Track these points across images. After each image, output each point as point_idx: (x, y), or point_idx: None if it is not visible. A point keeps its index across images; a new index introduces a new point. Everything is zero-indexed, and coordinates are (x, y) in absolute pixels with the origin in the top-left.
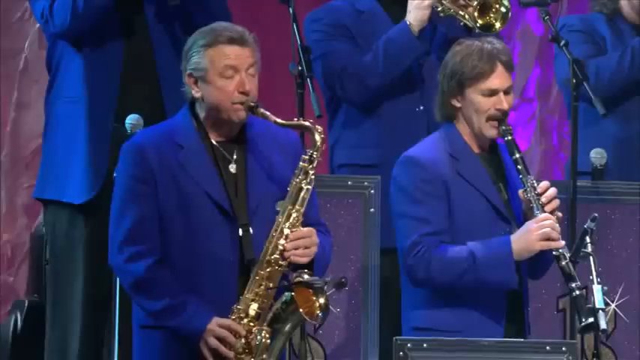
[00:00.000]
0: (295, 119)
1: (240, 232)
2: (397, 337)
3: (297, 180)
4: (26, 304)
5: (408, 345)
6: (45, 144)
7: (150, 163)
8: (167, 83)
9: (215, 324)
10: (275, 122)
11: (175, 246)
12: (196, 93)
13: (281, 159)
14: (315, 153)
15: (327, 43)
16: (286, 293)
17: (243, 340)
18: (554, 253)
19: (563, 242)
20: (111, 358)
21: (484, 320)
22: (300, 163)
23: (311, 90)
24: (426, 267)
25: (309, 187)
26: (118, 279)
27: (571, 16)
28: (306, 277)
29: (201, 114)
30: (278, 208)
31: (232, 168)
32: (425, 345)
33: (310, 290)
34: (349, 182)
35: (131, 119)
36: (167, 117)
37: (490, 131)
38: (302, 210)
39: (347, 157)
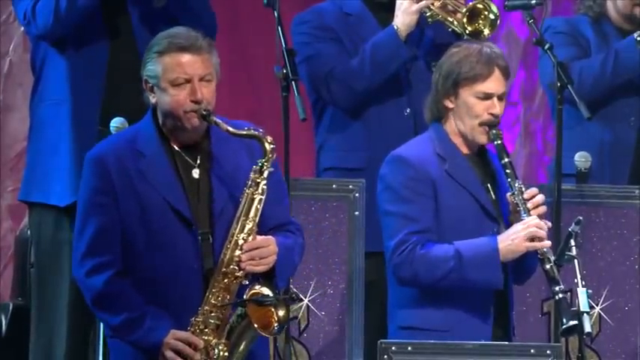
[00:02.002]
0: (246, 129)
1: (200, 240)
2: (382, 340)
3: (250, 191)
4: (11, 307)
5: (393, 348)
6: (30, 146)
7: (109, 173)
8: None
9: (172, 337)
10: (227, 131)
11: (138, 255)
12: (152, 99)
13: (248, 162)
14: (265, 163)
15: (314, 46)
16: (240, 307)
17: (201, 353)
18: (538, 256)
19: (549, 242)
20: (96, 358)
21: (471, 320)
22: (252, 174)
23: (296, 93)
24: (411, 265)
25: (262, 197)
26: None
27: (556, 18)
28: (260, 288)
29: (161, 120)
30: None
31: (195, 173)
32: (409, 348)
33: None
34: (334, 185)
35: (116, 122)
36: None
37: (481, 137)
38: (257, 219)
39: (333, 161)
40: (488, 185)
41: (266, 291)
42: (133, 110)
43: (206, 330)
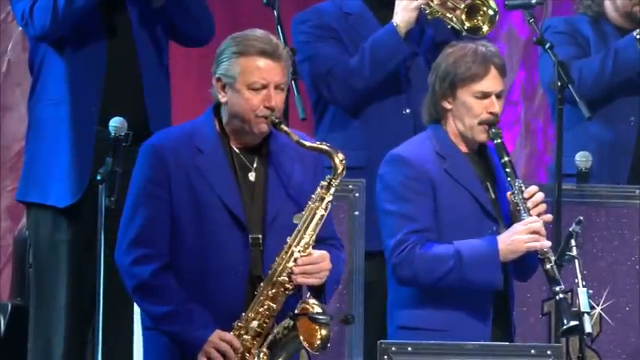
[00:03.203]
0: (317, 142)
1: (251, 244)
2: (381, 341)
3: (314, 206)
4: (9, 308)
5: (393, 348)
6: (28, 146)
7: (166, 165)
8: (150, 85)
9: (217, 336)
10: (297, 142)
11: (186, 251)
12: (222, 98)
13: (301, 171)
14: (334, 180)
15: (314, 45)
16: (289, 320)
17: (239, 357)
18: (539, 256)
19: (549, 243)
20: (95, 358)
21: (470, 320)
22: (318, 189)
23: (295, 92)
24: (411, 265)
25: (324, 213)
26: (101, 281)
27: (555, 18)
28: (312, 302)
29: (224, 119)
30: (295, 221)
31: (251, 176)
32: (409, 348)
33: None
34: None
35: (115, 122)
36: (149, 119)
37: (480, 135)
38: (314, 235)
39: None
40: (488, 184)
41: (317, 307)
42: (131, 110)
43: (246, 336)
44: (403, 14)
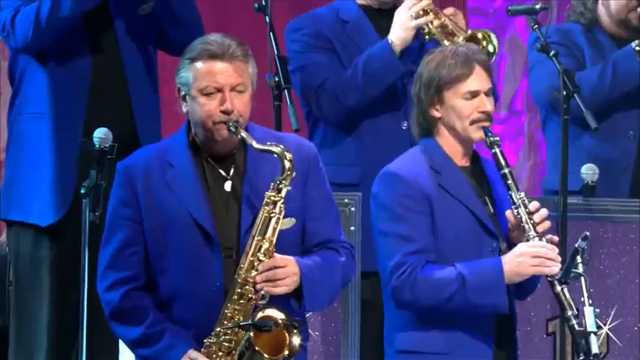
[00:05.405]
0: (268, 144)
1: (222, 258)
2: None
3: (266, 210)
4: None
5: None
6: (8, 161)
7: (134, 184)
8: (137, 96)
9: (187, 358)
10: (251, 146)
11: (160, 271)
12: (184, 108)
13: None
14: (283, 181)
15: (307, 56)
16: (247, 332)
17: None
18: (548, 279)
19: (557, 269)
20: None
21: (473, 342)
22: (268, 192)
23: (288, 102)
24: (412, 289)
25: (280, 216)
26: (85, 299)
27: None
28: (268, 312)
29: (193, 130)
30: (281, 227)
31: (227, 186)
32: None
33: (283, 328)
34: None
35: (99, 133)
36: (137, 132)
37: (476, 134)
38: (274, 239)
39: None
40: (486, 198)
41: (276, 314)
42: (120, 122)
43: (220, 352)
44: (399, 32)
